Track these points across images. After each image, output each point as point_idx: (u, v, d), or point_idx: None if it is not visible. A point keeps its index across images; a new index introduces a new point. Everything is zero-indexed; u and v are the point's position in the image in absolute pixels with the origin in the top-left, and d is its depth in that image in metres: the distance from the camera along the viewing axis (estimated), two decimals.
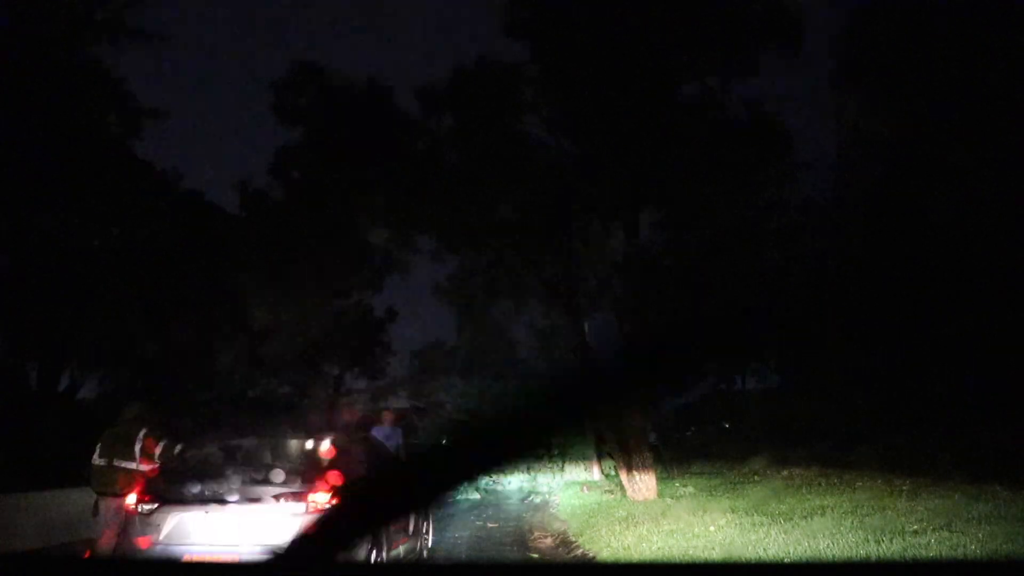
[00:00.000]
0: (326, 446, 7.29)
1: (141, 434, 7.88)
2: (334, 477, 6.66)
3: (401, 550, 7.96)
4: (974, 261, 18.96)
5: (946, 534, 7.21)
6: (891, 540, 7.17)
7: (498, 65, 14.67)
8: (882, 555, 6.70)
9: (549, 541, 11.17)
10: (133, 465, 7.69)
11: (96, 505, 7.78)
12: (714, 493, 12.81)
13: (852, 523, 8.20)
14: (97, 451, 7.87)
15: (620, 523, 10.18)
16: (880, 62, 25.78)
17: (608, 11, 13.96)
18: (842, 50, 29.12)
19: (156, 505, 6.49)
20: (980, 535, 7.05)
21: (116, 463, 7.72)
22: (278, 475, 6.85)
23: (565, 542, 10.62)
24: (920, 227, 21.07)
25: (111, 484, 7.62)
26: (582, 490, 16.44)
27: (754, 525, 8.67)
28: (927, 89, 22.74)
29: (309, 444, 7.67)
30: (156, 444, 7.91)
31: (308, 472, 6.90)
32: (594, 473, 19.73)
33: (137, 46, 16.80)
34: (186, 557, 6.22)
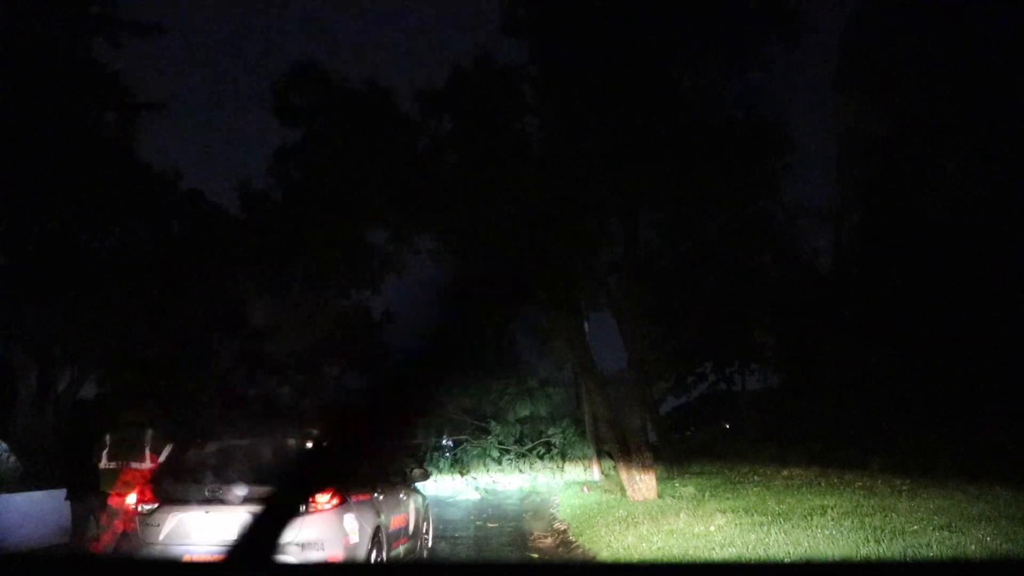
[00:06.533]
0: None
1: (149, 435, 8.06)
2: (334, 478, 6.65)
3: (401, 550, 7.96)
4: (972, 260, 18.97)
5: (946, 534, 7.21)
6: (891, 540, 7.17)
7: (497, 66, 14.66)
8: (882, 555, 6.70)
9: (549, 541, 11.17)
10: (146, 465, 7.86)
11: (104, 504, 7.95)
12: (714, 493, 12.81)
13: (852, 523, 8.20)
14: (105, 455, 8.02)
15: (620, 523, 10.18)
16: (878, 63, 25.80)
17: (607, 8, 13.95)
18: (841, 51, 29.19)
19: (156, 505, 6.49)
20: (980, 535, 7.06)
21: (129, 464, 7.89)
22: (278, 475, 6.83)
23: (565, 542, 10.62)
24: (918, 226, 21.08)
25: (124, 484, 7.76)
26: (582, 490, 16.44)
27: (754, 525, 8.67)
28: (925, 90, 22.74)
29: (309, 444, 7.66)
30: (164, 444, 8.07)
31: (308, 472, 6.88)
32: (594, 473, 19.74)
33: (136, 42, 16.82)
34: (186, 557, 6.22)
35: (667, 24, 13.97)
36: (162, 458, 7.87)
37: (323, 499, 6.39)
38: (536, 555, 10.12)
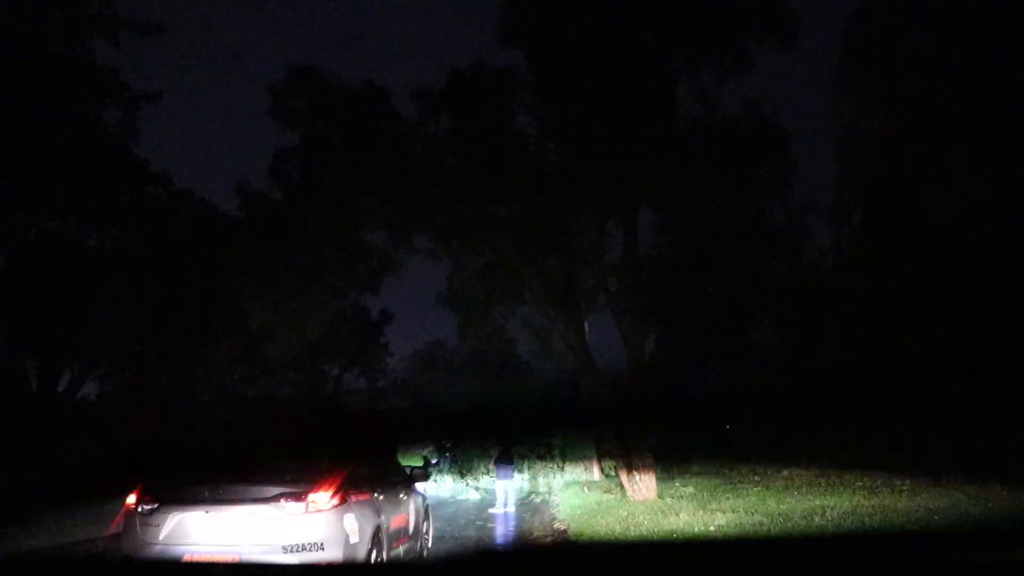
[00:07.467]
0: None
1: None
2: (334, 478, 6.65)
3: (401, 550, 7.95)
4: (973, 260, 18.97)
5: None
6: None
7: (493, 68, 14.66)
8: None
9: (549, 541, 11.16)
10: None
11: None
12: (714, 493, 12.80)
13: (852, 523, 8.20)
14: None
15: (620, 523, 10.17)
16: (878, 63, 25.79)
17: (602, 11, 13.94)
18: (841, 51, 29.16)
19: (156, 505, 6.47)
20: (980, 535, 7.05)
21: None
22: (278, 475, 6.84)
23: (565, 542, 10.61)
24: (918, 226, 21.08)
25: None
26: (582, 490, 16.43)
27: (754, 525, 8.67)
28: (925, 90, 22.74)
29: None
30: None
31: (308, 473, 6.89)
32: (594, 473, 19.73)
33: (135, 42, 16.78)
34: (186, 557, 6.21)
35: (663, 28, 13.95)
36: None
37: (323, 499, 6.39)
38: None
